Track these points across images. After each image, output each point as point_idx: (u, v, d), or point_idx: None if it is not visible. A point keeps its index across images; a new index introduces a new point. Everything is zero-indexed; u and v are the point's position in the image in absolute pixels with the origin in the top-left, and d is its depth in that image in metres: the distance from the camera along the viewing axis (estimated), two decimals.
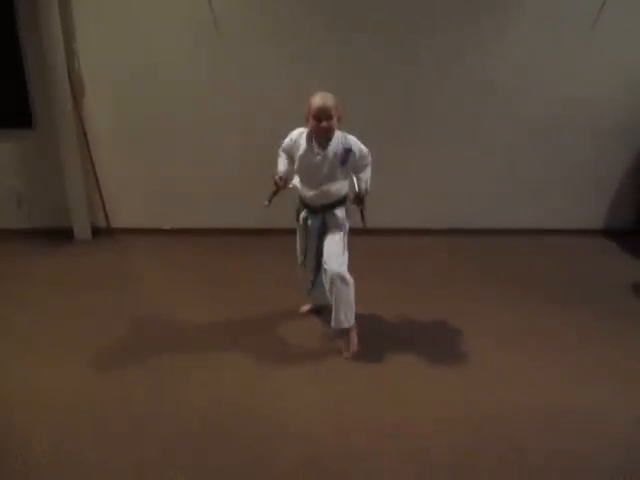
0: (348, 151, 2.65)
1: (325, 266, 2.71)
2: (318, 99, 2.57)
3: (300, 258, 3.02)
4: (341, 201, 2.80)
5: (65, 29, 3.98)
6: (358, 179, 2.75)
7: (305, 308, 3.30)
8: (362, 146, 2.72)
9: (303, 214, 2.85)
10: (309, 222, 2.82)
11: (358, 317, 2.83)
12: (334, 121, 2.59)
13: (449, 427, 2.33)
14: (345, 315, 2.74)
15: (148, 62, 4.11)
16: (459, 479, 2.06)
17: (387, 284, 3.68)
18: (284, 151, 2.87)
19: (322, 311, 3.16)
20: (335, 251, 2.71)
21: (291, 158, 2.81)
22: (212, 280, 3.78)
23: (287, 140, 2.82)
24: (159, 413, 2.40)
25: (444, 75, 4.19)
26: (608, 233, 4.69)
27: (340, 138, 2.67)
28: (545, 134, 4.38)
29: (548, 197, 4.60)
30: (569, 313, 3.35)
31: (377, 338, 3.03)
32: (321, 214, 2.78)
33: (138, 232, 4.58)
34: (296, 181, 2.85)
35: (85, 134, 4.33)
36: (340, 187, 2.75)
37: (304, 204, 2.85)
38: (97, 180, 4.48)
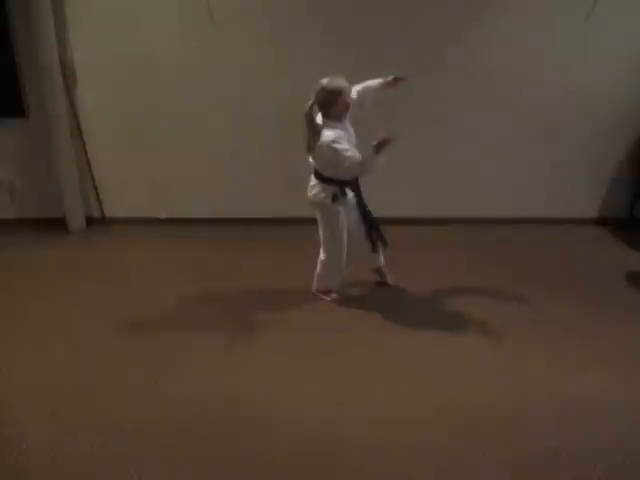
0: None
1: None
2: (342, 82, 2.81)
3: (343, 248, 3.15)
4: None
5: (57, 18, 3.94)
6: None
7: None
8: None
9: (344, 194, 3.03)
10: (348, 198, 3.05)
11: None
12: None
13: (447, 417, 2.34)
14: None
15: (141, 51, 4.07)
16: (456, 468, 2.07)
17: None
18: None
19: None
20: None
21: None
22: (207, 269, 3.78)
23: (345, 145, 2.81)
24: (156, 403, 2.41)
25: (442, 66, 4.15)
26: (602, 222, 4.70)
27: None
28: (540, 124, 4.36)
29: (542, 186, 4.59)
30: (561, 301, 3.36)
31: (375, 329, 3.05)
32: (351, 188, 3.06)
33: (132, 222, 4.58)
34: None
35: (78, 124, 4.30)
36: None
37: (345, 184, 3.02)
38: (90, 170, 4.46)
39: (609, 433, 2.26)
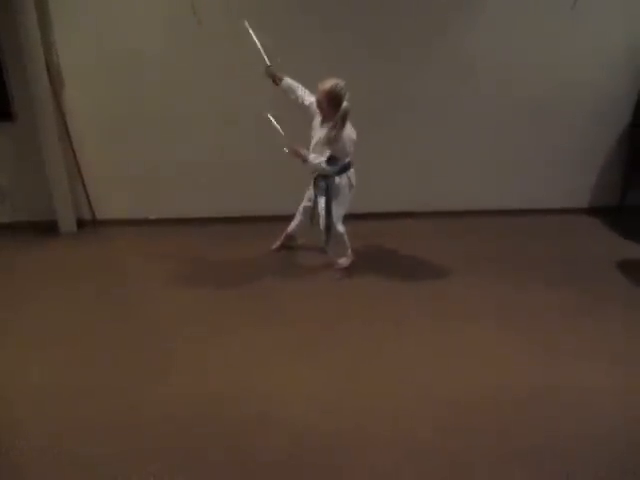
0: (332, 128, 3.07)
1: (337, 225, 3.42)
2: (322, 84, 3.08)
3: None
4: (344, 168, 3.27)
5: (41, 21, 3.90)
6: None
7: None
8: (348, 142, 3.13)
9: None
10: (319, 183, 3.31)
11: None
12: (326, 105, 3.07)
13: (437, 408, 2.34)
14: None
15: (128, 52, 4.04)
16: (445, 459, 2.07)
17: (376, 266, 3.71)
18: (308, 97, 3.31)
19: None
20: (340, 214, 3.39)
21: (304, 107, 3.33)
22: (198, 268, 3.76)
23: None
24: (154, 402, 2.40)
25: (429, 56, 4.18)
26: (593, 211, 4.74)
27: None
28: (529, 114, 4.40)
29: (533, 177, 4.62)
30: (555, 292, 3.38)
31: (366, 318, 3.06)
32: (325, 179, 3.28)
33: (124, 223, 4.54)
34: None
35: (66, 126, 4.26)
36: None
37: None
38: (80, 172, 4.42)
39: (607, 426, 2.26)
